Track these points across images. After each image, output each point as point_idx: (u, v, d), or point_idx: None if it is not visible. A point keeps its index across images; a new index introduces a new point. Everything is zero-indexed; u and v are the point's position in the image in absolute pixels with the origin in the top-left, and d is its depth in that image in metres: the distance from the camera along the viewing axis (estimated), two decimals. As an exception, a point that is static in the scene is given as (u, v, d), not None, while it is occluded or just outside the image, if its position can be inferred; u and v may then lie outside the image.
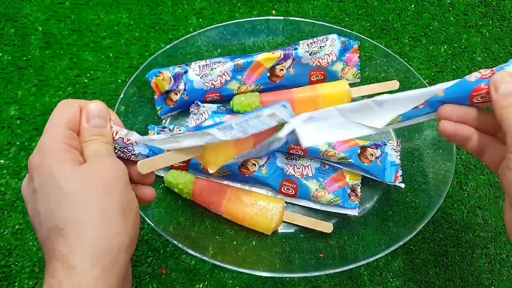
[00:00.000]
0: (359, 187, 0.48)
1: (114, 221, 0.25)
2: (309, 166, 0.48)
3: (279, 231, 0.47)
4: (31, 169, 0.26)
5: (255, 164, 0.47)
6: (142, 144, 0.32)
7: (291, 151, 0.49)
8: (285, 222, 0.46)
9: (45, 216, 0.25)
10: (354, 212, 0.47)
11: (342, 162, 0.47)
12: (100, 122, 0.29)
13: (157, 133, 0.50)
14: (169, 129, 0.50)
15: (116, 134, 0.30)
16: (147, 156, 0.32)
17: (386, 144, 0.50)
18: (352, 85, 0.54)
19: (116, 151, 0.31)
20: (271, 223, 0.44)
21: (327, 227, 0.45)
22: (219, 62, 0.51)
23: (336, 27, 0.54)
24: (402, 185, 0.47)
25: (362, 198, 0.48)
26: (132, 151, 0.32)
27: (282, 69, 0.52)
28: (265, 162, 0.48)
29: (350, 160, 0.46)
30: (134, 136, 0.31)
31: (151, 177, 0.33)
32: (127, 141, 0.31)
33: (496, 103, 0.28)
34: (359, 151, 0.47)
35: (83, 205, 0.25)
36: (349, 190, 0.48)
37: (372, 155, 0.48)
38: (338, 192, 0.47)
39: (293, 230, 0.47)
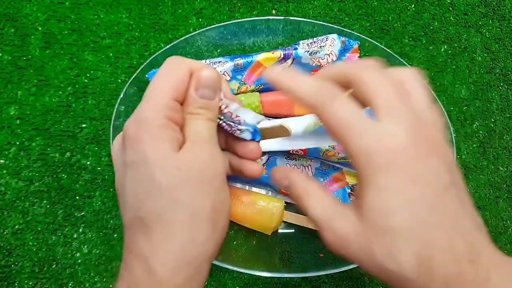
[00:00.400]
0: None
1: (203, 227, 0.23)
2: (309, 166, 0.48)
3: (279, 231, 0.47)
4: (125, 138, 0.24)
5: None
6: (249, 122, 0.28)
7: (291, 151, 0.49)
8: (285, 222, 0.46)
9: (132, 201, 0.23)
10: None
11: (342, 162, 0.47)
12: (209, 93, 0.26)
13: None
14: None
15: (226, 108, 0.27)
16: (252, 134, 0.29)
17: None
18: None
19: (221, 122, 0.28)
20: (271, 223, 0.44)
21: None
22: (219, 62, 0.51)
23: (336, 27, 0.54)
24: None
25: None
26: (238, 127, 0.28)
27: (282, 69, 0.52)
28: (265, 162, 0.48)
29: (350, 160, 0.46)
30: (243, 114, 0.28)
31: (257, 151, 0.29)
32: (235, 117, 0.28)
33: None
34: None
35: (175, 203, 0.22)
36: (349, 190, 0.48)
37: None
38: (338, 192, 0.47)
39: (293, 230, 0.47)
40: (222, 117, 0.28)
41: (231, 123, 0.28)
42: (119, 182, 0.24)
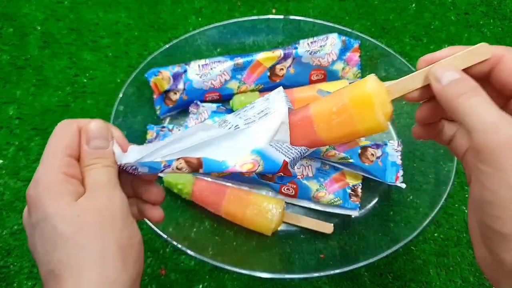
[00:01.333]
0: (360, 187, 0.48)
1: (113, 264, 0.23)
2: (310, 166, 0.48)
3: (279, 231, 0.47)
4: (28, 202, 0.25)
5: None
6: (144, 163, 0.28)
7: None
8: (285, 222, 0.46)
9: (42, 257, 0.24)
10: (354, 213, 0.47)
11: (342, 162, 0.47)
12: (100, 143, 0.27)
13: (156, 133, 0.50)
14: (168, 129, 0.50)
15: (121, 164, 0.28)
16: (150, 169, 0.28)
17: (387, 144, 0.49)
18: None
19: (120, 167, 0.28)
20: (271, 224, 0.44)
21: (327, 227, 0.45)
22: (218, 62, 0.51)
23: (336, 26, 0.54)
24: (403, 185, 0.46)
25: (362, 199, 0.48)
26: (136, 170, 0.29)
27: (282, 69, 0.52)
28: None
29: (350, 160, 0.46)
30: (134, 156, 0.28)
31: (160, 195, 0.31)
32: (131, 169, 0.28)
33: (444, 94, 0.25)
34: (359, 151, 0.47)
35: (80, 249, 0.23)
36: (349, 191, 0.47)
37: (373, 155, 0.47)
38: (338, 193, 0.47)
39: (293, 230, 0.47)
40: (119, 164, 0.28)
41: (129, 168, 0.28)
42: (31, 244, 0.25)
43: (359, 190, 0.47)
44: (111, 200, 0.25)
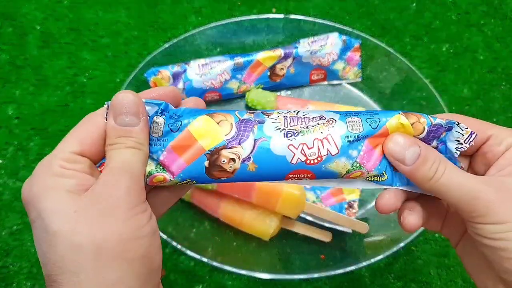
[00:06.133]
0: (356, 203, 0.47)
1: (112, 264, 0.20)
2: None
3: (280, 231, 0.47)
4: (23, 202, 0.22)
5: None
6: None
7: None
8: (284, 228, 0.45)
9: (41, 259, 0.21)
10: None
11: (373, 181, 0.45)
12: (129, 120, 0.23)
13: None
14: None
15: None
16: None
17: None
18: (353, 85, 0.54)
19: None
20: (269, 229, 0.43)
21: (326, 235, 0.45)
22: (218, 61, 0.51)
23: (337, 25, 0.54)
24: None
25: (362, 199, 0.48)
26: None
27: (283, 68, 0.52)
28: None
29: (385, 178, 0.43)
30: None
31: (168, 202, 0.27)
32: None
33: (415, 176, 0.24)
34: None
35: (74, 249, 0.20)
36: (346, 205, 0.47)
37: None
38: (334, 207, 0.47)
39: (294, 231, 0.47)
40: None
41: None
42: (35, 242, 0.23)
43: (356, 205, 0.47)
44: (113, 187, 0.21)
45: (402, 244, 0.42)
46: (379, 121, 0.24)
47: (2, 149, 0.50)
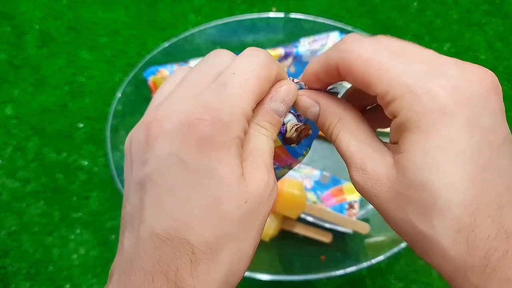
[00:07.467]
0: (357, 203, 0.47)
1: (244, 263, 0.20)
2: (309, 177, 0.48)
3: (280, 232, 0.47)
4: (193, 134, 0.18)
5: None
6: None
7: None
8: (284, 229, 0.45)
9: (176, 214, 0.18)
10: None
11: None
12: (282, 109, 0.22)
13: None
14: None
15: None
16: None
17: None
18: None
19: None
20: (269, 230, 0.43)
21: (326, 236, 0.44)
22: (218, 61, 0.51)
23: (337, 24, 0.53)
24: None
25: (362, 203, 0.47)
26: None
27: (283, 68, 0.52)
28: None
29: None
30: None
31: None
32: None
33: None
34: None
35: (228, 237, 0.19)
36: (346, 206, 0.47)
37: None
38: (335, 208, 0.46)
39: (294, 231, 0.47)
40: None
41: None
42: (127, 174, 0.21)
43: (356, 206, 0.47)
44: (270, 191, 0.20)
45: (403, 245, 0.42)
46: None
47: (0, 149, 0.49)
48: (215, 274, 0.18)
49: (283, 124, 0.23)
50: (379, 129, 0.24)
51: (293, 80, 0.23)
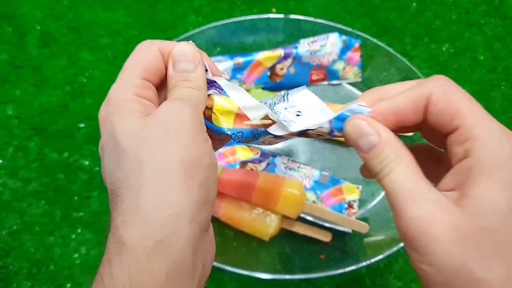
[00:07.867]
0: (356, 203, 0.47)
1: (173, 185, 0.20)
2: (308, 177, 0.48)
3: (280, 231, 0.47)
4: (99, 122, 0.23)
5: (253, 170, 0.47)
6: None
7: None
8: (284, 229, 0.45)
9: (107, 179, 0.22)
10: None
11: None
12: (186, 66, 0.24)
13: None
14: None
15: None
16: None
17: None
18: (353, 85, 0.54)
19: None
20: (269, 229, 0.43)
21: (326, 235, 0.45)
22: (218, 61, 0.51)
23: (337, 25, 0.54)
24: None
25: (361, 203, 0.48)
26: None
27: (283, 68, 0.52)
28: (264, 169, 0.47)
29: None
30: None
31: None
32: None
33: (367, 163, 0.23)
34: None
35: (139, 165, 0.20)
36: (346, 205, 0.47)
37: None
38: (334, 207, 0.47)
39: (294, 231, 0.47)
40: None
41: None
42: (102, 171, 0.23)
43: (356, 205, 0.47)
44: (177, 112, 0.22)
45: (402, 244, 0.42)
46: None
47: (1, 149, 0.50)
48: (138, 205, 0.20)
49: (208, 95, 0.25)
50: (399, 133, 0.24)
51: (360, 105, 0.23)
